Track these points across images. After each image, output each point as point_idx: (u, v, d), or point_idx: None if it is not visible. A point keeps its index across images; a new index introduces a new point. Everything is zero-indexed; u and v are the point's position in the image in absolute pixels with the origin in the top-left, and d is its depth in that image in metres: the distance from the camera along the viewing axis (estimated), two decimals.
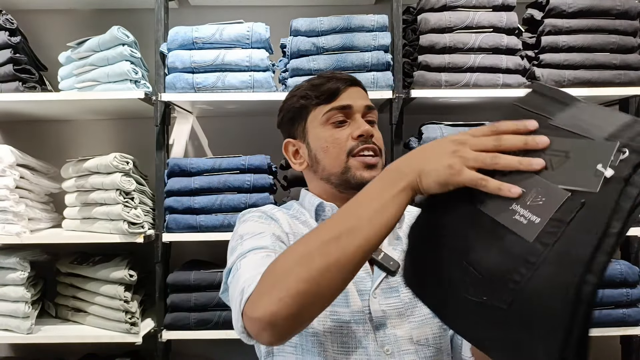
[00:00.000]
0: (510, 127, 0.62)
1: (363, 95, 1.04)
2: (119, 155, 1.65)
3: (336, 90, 1.00)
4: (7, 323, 1.68)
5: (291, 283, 0.65)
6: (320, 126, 1.00)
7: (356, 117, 1.00)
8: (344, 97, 1.00)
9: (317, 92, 1.01)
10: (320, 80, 1.02)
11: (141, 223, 1.66)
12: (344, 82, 1.01)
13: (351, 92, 1.01)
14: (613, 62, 1.67)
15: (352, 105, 0.99)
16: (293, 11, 1.88)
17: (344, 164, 0.97)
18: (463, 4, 1.66)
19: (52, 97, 1.72)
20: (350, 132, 0.98)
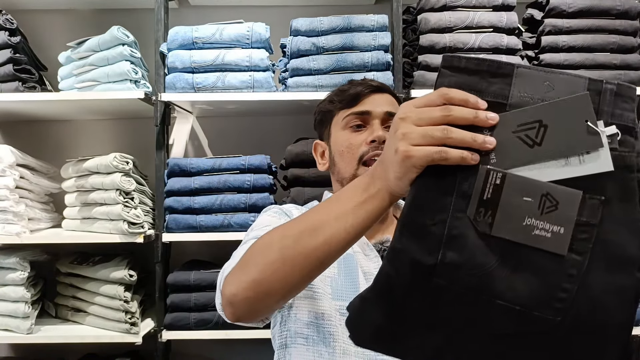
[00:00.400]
0: (459, 96, 0.54)
1: (387, 102, 1.04)
2: (119, 155, 1.65)
3: (357, 96, 1.02)
4: (7, 323, 1.68)
5: (251, 269, 0.67)
6: (340, 130, 1.03)
7: (374, 122, 1.00)
8: (365, 102, 1.02)
9: (341, 96, 1.04)
10: (348, 85, 1.05)
11: (141, 223, 1.66)
12: (368, 87, 1.03)
13: (374, 99, 1.02)
14: (613, 62, 1.67)
15: (370, 112, 1.01)
16: (293, 11, 1.88)
17: (354, 170, 0.99)
18: (463, 4, 1.66)
19: (52, 97, 1.71)
20: (365, 137, 1.00)
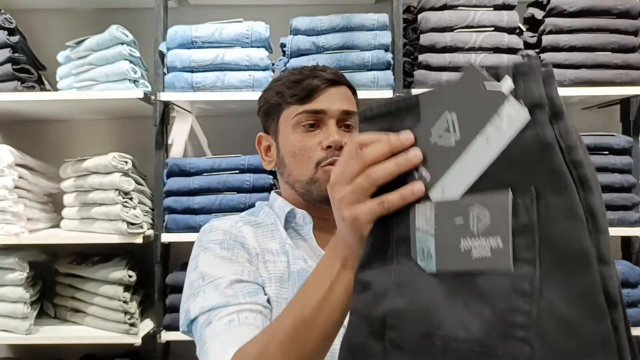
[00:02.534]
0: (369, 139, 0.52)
1: (344, 97, 0.95)
2: (118, 155, 1.64)
3: (312, 91, 0.92)
4: (6, 324, 1.68)
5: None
6: (291, 128, 0.93)
7: (329, 123, 0.92)
8: (320, 99, 0.92)
9: (293, 90, 0.93)
10: (300, 76, 0.94)
11: (140, 223, 1.65)
12: (323, 81, 0.92)
13: (330, 94, 0.93)
14: (614, 61, 1.67)
15: (326, 111, 0.91)
16: (293, 10, 1.88)
17: (311, 174, 0.91)
18: (464, 3, 1.66)
19: (50, 97, 1.71)
20: (320, 140, 0.91)
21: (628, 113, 1.75)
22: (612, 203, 1.65)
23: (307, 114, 0.92)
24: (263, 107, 1.00)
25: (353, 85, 1.00)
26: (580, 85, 1.66)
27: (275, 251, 0.91)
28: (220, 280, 0.81)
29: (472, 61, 0.42)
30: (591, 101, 1.85)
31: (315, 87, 0.92)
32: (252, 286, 0.82)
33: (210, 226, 0.92)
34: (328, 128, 0.91)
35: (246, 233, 0.90)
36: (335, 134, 0.90)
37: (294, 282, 0.87)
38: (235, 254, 0.86)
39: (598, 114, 2.00)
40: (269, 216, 0.97)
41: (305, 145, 0.91)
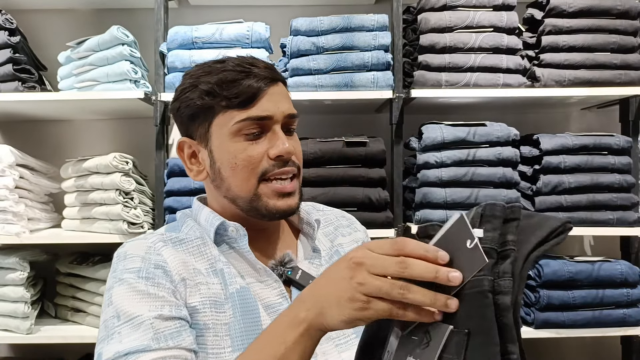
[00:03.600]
0: (417, 250, 0.52)
1: (284, 97, 0.83)
2: (119, 155, 1.64)
3: (254, 95, 0.78)
4: (7, 323, 1.68)
5: None
6: (229, 136, 0.80)
7: (275, 129, 0.80)
8: (263, 102, 0.79)
9: (229, 92, 0.78)
10: (233, 74, 0.79)
11: (141, 223, 1.66)
12: (263, 80, 0.79)
13: (272, 94, 0.80)
14: (613, 61, 1.67)
15: (272, 116, 0.80)
16: (293, 11, 1.88)
17: (254, 189, 0.80)
18: (463, 4, 1.66)
19: (51, 97, 1.71)
20: (266, 149, 0.80)
21: (627, 113, 1.75)
22: (611, 203, 1.65)
23: (250, 122, 0.79)
24: (186, 109, 0.83)
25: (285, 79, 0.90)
26: (579, 85, 1.66)
27: (206, 272, 0.79)
28: (137, 319, 0.71)
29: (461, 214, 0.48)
30: (590, 101, 1.85)
31: (257, 89, 0.79)
32: (175, 324, 0.72)
33: (125, 251, 0.80)
34: (274, 135, 0.80)
35: (167, 255, 0.78)
36: (285, 141, 0.79)
37: (234, 304, 0.78)
38: (155, 285, 0.74)
39: (597, 114, 2.00)
40: (193, 230, 0.85)
41: (248, 156, 0.79)
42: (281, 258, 0.84)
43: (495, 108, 1.89)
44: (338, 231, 0.96)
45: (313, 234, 0.88)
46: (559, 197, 1.66)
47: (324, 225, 0.94)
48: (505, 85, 1.66)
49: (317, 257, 0.88)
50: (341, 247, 0.93)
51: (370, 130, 1.75)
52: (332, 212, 1.00)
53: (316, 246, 0.89)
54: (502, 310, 0.47)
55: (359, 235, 0.98)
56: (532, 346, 1.78)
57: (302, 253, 0.89)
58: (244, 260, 0.83)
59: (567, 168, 1.65)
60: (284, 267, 0.83)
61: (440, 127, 1.64)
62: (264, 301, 0.80)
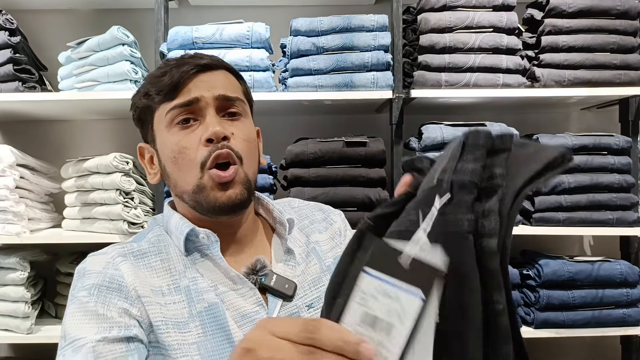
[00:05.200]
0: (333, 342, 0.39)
1: (221, 81, 0.80)
2: (119, 155, 1.65)
3: (177, 82, 0.76)
4: (7, 323, 1.68)
5: None
6: (166, 130, 0.79)
7: (207, 112, 0.77)
8: (189, 87, 0.77)
9: (158, 85, 0.78)
10: (164, 68, 0.79)
11: (141, 223, 1.66)
12: (189, 67, 0.77)
13: (202, 80, 0.78)
14: (613, 62, 1.67)
15: (198, 99, 0.77)
16: (293, 11, 1.88)
17: (197, 179, 0.77)
18: (463, 4, 1.66)
19: (52, 97, 1.71)
20: (200, 135, 0.77)
21: (627, 113, 1.75)
22: (611, 203, 1.65)
23: (178, 109, 0.77)
24: (135, 114, 0.85)
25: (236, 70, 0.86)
26: (579, 85, 1.67)
27: (167, 289, 0.76)
28: (79, 341, 0.68)
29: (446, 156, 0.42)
30: (590, 101, 1.86)
31: (181, 75, 0.77)
32: (120, 348, 0.69)
33: (84, 267, 0.76)
34: (206, 118, 0.77)
35: (125, 270, 0.75)
36: (215, 124, 0.76)
37: (203, 323, 0.74)
38: (106, 304, 0.71)
39: (597, 114, 2.00)
40: (159, 240, 0.82)
41: (183, 147, 0.77)
42: (253, 265, 0.80)
43: (495, 108, 1.89)
44: (314, 226, 0.92)
45: (284, 234, 0.85)
46: (559, 197, 1.66)
47: (299, 219, 0.91)
48: (505, 86, 1.66)
49: (291, 258, 0.84)
50: (318, 244, 0.89)
51: (370, 130, 1.75)
52: (307, 206, 0.97)
53: (289, 247, 0.84)
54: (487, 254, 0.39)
55: (335, 228, 0.94)
56: (532, 346, 1.77)
57: (276, 255, 0.85)
58: (217, 268, 0.79)
59: (567, 168, 1.65)
60: (257, 275, 0.79)
61: (440, 127, 1.65)
62: (239, 310, 0.76)
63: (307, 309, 0.81)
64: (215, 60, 0.81)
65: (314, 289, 0.83)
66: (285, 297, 0.79)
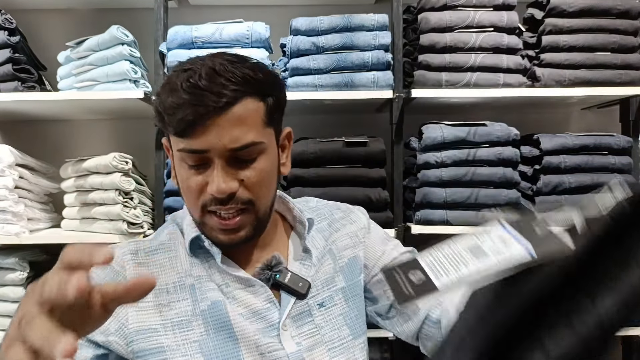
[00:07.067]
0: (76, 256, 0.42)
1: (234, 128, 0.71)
2: (118, 155, 1.64)
3: (189, 126, 0.71)
4: (6, 323, 1.68)
5: None
6: (178, 159, 0.77)
7: (215, 164, 0.73)
8: (200, 135, 0.71)
9: (170, 118, 0.72)
10: (178, 97, 0.70)
11: (140, 223, 1.65)
12: (203, 109, 0.69)
13: (215, 125, 0.71)
14: (614, 61, 1.67)
15: (208, 150, 0.72)
16: (293, 10, 1.88)
17: (199, 217, 0.77)
18: (463, 3, 1.66)
19: (51, 97, 1.71)
20: (205, 180, 0.74)
21: (628, 113, 1.75)
22: None
23: (186, 153, 0.73)
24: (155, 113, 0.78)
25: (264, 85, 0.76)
26: (579, 85, 1.66)
27: (173, 287, 0.78)
28: None
29: None
30: (591, 101, 1.85)
31: (193, 122, 0.70)
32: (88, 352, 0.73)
33: None
34: (213, 169, 0.73)
35: (130, 272, 0.77)
36: (221, 181, 0.72)
37: (206, 321, 0.76)
38: None
39: (598, 114, 2.00)
40: (171, 239, 0.84)
41: (189, 186, 0.76)
42: (268, 261, 0.81)
43: (495, 108, 1.89)
44: (332, 227, 0.92)
45: (304, 233, 0.85)
46: (560, 197, 1.66)
47: (318, 220, 0.91)
48: (505, 85, 1.65)
49: (308, 257, 0.84)
50: (334, 244, 0.89)
51: (370, 130, 1.75)
52: (325, 206, 0.97)
53: (307, 246, 0.85)
54: None
55: (355, 227, 0.92)
56: None
57: (292, 252, 0.86)
58: (220, 271, 0.80)
59: (568, 168, 1.65)
60: (271, 271, 0.80)
61: (441, 127, 1.64)
62: (250, 307, 0.78)
63: (318, 307, 0.81)
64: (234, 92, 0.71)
65: (327, 288, 0.84)
66: (298, 295, 0.80)
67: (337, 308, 0.83)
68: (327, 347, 0.79)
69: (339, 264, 0.87)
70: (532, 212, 0.43)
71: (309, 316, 0.80)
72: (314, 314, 0.80)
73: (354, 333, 0.83)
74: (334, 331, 0.81)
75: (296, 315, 0.79)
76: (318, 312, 0.81)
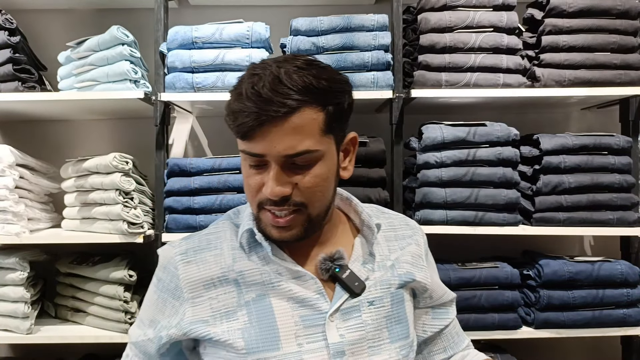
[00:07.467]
0: None
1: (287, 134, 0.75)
2: (119, 155, 1.64)
3: (246, 132, 0.76)
4: (7, 323, 1.68)
5: None
6: (242, 157, 0.83)
7: (271, 168, 0.78)
8: (257, 140, 0.76)
9: (232, 122, 0.78)
10: (239, 104, 0.76)
11: (141, 223, 1.65)
12: (264, 117, 0.74)
13: (270, 132, 0.75)
14: (614, 61, 1.67)
15: (264, 154, 0.77)
16: (293, 11, 1.88)
17: (256, 211, 0.83)
18: (463, 4, 1.66)
19: (51, 97, 1.71)
20: (262, 181, 0.80)
21: (627, 113, 1.75)
22: (611, 203, 1.65)
23: (246, 155, 0.80)
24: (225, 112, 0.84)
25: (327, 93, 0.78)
26: (579, 85, 1.66)
27: (218, 281, 0.85)
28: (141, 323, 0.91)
29: None
30: (590, 101, 1.85)
31: (250, 128, 0.75)
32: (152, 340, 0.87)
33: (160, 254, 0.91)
34: (269, 172, 0.78)
35: (181, 271, 0.85)
36: (275, 184, 0.77)
37: (250, 312, 0.82)
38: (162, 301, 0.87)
39: (597, 114, 2.00)
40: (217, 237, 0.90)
41: (249, 184, 0.82)
42: (332, 254, 0.85)
43: (495, 108, 1.89)
44: (399, 241, 0.95)
45: (372, 238, 0.89)
46: (559, 197, 1.66)
47: (386, 229, 0.95)
48: (505, 85, 1.66)
49: (370, 260, 0.89)
50: (398, 262, 0.92)
51: (370, 130, 1.75)
52: (397, 217, 1.01)
53: (372, 251, 0.90)
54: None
55: (419, 250, 0.97)
56: (532, 346, 1.78)
57: (357, 254, 0.90)
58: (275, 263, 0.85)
59: (567, 168, 1.65)
60: (333, 263, 0.85)
61: (440, 127, 1.64)
62: (298, 296, 0.83)
63: (367, 305, 0.85)
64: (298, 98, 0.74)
65: (380, 288, 0.88)
66: (352, 293, 0.84)
67: (384, 310, 0.87)
68: (368, 345, 0.83)
69: (397, 272, 0.91)
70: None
71: (357, 312, 0.84)
72: (363, 310, 0.84)
73: (392, 337, 0.86)
74: (376, 331, 0.85)
75: (345, 309, 0.83)
76: (367, 310, 0.85)
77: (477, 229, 1.63)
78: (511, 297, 1.64)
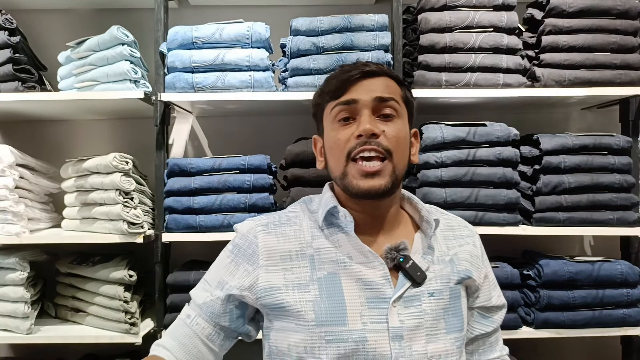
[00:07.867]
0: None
1: (380, 86, 0.91)
2: (119, 155, 1.64)
3: (343, 84, 0.91)
4: (7, 323, 1.68)
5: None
6: (330, 124, 0.94)
7: (363, 112, 0.90)
8: (352, 90, 0.91)
9: (328, 86, 0.93)
10: (336, 73, 0.94)
11: (141, 223, 1.65)
12: (354, 73, 0.91)
13: (364, 85, 0.91)
14: (613, 61, 1.67)
15: (357, 100, 0.90)
16: (293, 11, 1.88)
17: (343, 167, 0.90)
18: (463, 4, 1.66)
19: (51, 97, 1.71)
20: (353, 131, 0.90)
21: (627, 113, 1.75)
22: (611, 203, 1.65)
23: (339, 107, 0.91)
24: (312, 110, 1.01)
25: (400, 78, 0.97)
26: (579, 85, 1.66)
27: (295, 255, 0.92)
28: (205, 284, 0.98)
29: None
30: (590, 101, 1.85)
31: (347, 79, 0.91)
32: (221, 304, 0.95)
33: (237, 227, 0.99)
34: (361, 118, 0.90)
35: (261, 239, 0.94)
36: (367, 122, 0.88)
37: (321, 287, 0.88)
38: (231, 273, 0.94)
39: (597, 114, 2.00)
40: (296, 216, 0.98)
41: (338, 139, 0.91)
42: (397, 244, 0.90)
43: (495, 108, 1.89)
44: (457, 239, 1.00)
45: (430, 232, 0.94)
46: (559, 197, 1.66)
47: (445, 228, 1.00)
48: (505, 85, 1.66)
49: (430, 253, 0.94)
50: (456, 256, 0.97)
51: None
52: (455, 219, 1.06)
53: (431, 244, 0.95)
54: None
55: (476, 251, 1.01)
56: (532, 346, 1.78)
57: (417, 247, 0.94)
58: (350, 243, 0.91)
59: (567, 168, 1.66)
60: (398, 253, 0.90)
61: (440, 127, 1.64)
62: (365, 279, 0.88)
63: (428, 296, 0.90)
64: (379, 68, 0.93)
65: (440, 281, 0.92)
66: (414, 282, 0.89)
67: (443, 302, 0.91)
68: (425, 332, 0.88)
69: (457, 268, 0.96)
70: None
71: (418, 301, 0.89)
72: (423, 300, 0.89)
73: (448, 328, 0.90)
74: (434, 320, 0.89)
75: (407, 297, 0.88)
76: (427, 300, 0.89)
77: (477, 229, 1.62)
78: (511, 297, 1.64)
